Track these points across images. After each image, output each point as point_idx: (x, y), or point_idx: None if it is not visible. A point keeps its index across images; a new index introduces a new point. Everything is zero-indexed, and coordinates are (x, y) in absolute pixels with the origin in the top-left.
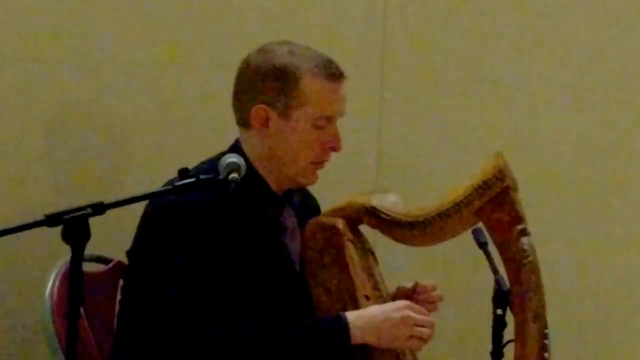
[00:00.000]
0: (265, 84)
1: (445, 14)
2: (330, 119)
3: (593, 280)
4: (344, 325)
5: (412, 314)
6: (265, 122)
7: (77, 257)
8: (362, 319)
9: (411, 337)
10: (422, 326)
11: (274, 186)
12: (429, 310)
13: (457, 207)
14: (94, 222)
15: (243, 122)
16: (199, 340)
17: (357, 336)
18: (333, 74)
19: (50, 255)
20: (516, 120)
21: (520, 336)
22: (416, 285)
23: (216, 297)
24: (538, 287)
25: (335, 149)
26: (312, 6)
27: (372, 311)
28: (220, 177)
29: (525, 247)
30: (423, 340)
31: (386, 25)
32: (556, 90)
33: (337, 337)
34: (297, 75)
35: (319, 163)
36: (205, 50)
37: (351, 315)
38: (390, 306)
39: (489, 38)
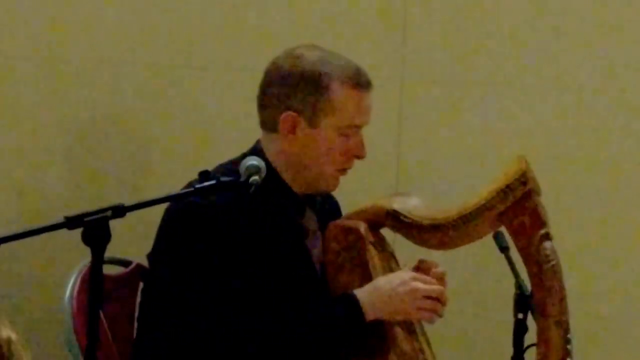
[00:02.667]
0: (294, 90)
1: (465, 21)
2: (356, 128)
3: (613, 284)
4: (356, 303)
5: (418, 285)
6: (293, 129)
7: (98, 259)
8: (370, 296)
9: (420, 308)
10: (431, 297)
11: (295, 189)
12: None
13: (480, 211)
14: (114, 224)
15: (268, 125)
16: (220, 342)
17: (369, 313)
18: (362, 83)
19: (71, 258)
20: (537, 125)
21: (543, 341)
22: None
23: (237, 299)
24: (560, 292)
25: (359, 156)
26: (331, 13)
27: (379, 285)
28: (241, 179)
29: (548, 251)
30: (433, 310)
31: (406, 30)
32: (578, 95)
33: (353, 317)
34: (327, 84)
35: (342, 170)
36: (225, 52)
37: (359, 293)
38: (396, 279)
39: (509, 44)
